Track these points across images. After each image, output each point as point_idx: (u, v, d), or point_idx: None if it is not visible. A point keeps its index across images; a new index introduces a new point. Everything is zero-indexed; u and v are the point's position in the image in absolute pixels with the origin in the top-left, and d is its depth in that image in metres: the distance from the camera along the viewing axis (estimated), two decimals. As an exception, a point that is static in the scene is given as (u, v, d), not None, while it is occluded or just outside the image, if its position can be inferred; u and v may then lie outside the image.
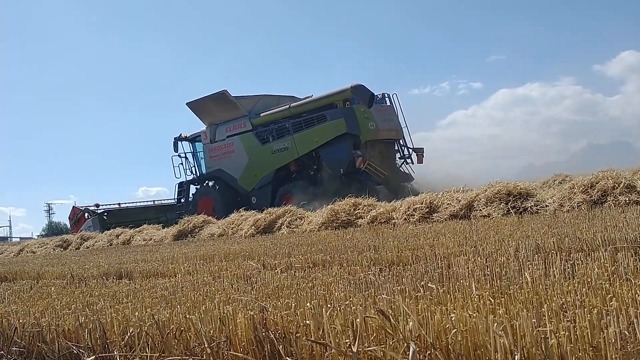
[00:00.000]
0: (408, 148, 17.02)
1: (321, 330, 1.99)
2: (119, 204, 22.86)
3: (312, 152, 16.73)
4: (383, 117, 16.28)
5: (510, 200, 8.20)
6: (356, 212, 9.85)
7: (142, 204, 23.79)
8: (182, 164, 20.62)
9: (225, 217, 13.79)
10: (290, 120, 17.23)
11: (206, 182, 20.32)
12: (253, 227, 11.33)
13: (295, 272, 4.11)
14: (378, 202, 10.36)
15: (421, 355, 1.74)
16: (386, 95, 17.01)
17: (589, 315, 1.69)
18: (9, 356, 3.09)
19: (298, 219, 10.99)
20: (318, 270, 3.98)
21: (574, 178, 9.27)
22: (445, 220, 8.17)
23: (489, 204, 8.24)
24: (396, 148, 17.11)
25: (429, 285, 2.42)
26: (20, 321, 3.17)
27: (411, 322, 1.77)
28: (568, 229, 4.83)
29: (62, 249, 15.74)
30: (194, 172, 20.69)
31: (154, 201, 24.06)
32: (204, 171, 20.13)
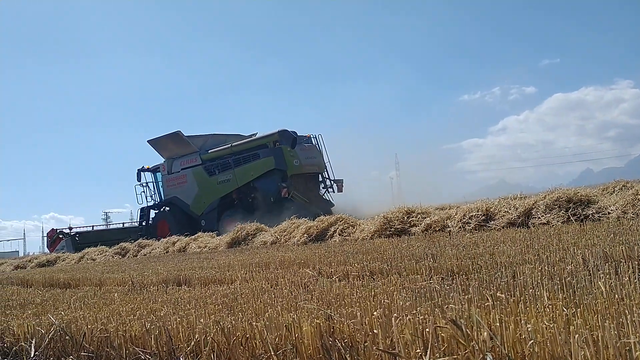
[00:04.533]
0: (330, 180, 20.83)
1: (389, 340, 1.96)
2: (92, 226, 26.25)
3: (250, 183, 20.28)
4: (306, 155, 20.06)
5: (570, 207, 7.93)
6: (410, 220, 9.72)
7: (111, 226, 28.08)
8: (143, 191, 24.23)
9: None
10: (232, 156, 20.93)
11: (163, 207, 23.75)
12: (305, 235, 11.34)
13: (353, 280, 4.09)
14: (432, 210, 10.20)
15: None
16: (312, 136, 20.77)
17: (676, 328, 1.60)
18: (78, 360, 3.18)
19: (350, 227, 10.93)
20: (377, 279, 3.94)
21: (636, 184, 8.91)
22: (503, 228, 7.98)
23: (548, 211, 7.99)
24: (320, 179, 20.87)
25: (497, 294, 2.35)
26: (89, 327, 3.26)
27: (485, 333, 1.73)
28: (636, 236, 4.63)
29: (120, 257, 16.15)
30: (154, 199, 24.20)
31: (123, 224, 28.05)
32: (162, 198, 23.62)
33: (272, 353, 2.23)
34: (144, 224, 24.02)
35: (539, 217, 7.92)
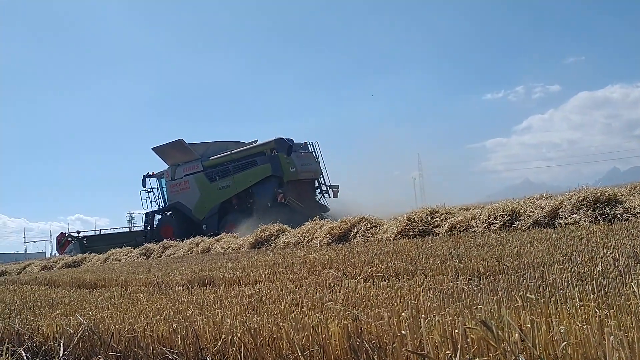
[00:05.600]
0: (325, 185, 21.61)
1: (418, 341, 1.95)
2: (100, 230, 27.58)
3: (248, 189, 21.31)
4: (302, 161, 20.84)
5: (597, 207, 7.80)
6: (433, 220, 9.64)
7: (117, 230, 28.95)
8: (148, 197, 25.25)
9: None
10: (231, 163, 21.91)
11: (167, 212, 24.75)
12: (328, 236, 11.31)
13: (378, 281, 4.06)
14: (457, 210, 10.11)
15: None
16: (308, 144, 21.73)
17: None
18: (106, 360, 3.21)
19: (373, 228, 10.87)
20: (402, 280, 3.92)
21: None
22: (528, 228, 7.87)
23: (575, 211, 7.86)
24: (316, 185, 21.70)
25: (527, 295, 2.32)
26: (116, 327, 3.29)
27: (516, 334, 1.70)
28: (667, 236, 4.54)
29: (145, 257, 16.30)
30: (159, 204, 25.26)
31: (129, 227, 29.91)
32: (167, 203, 24.69)
33: (300, 354, 2.22)
34: (148, 228, 25.06)
35: (566, 217, 7.81)
